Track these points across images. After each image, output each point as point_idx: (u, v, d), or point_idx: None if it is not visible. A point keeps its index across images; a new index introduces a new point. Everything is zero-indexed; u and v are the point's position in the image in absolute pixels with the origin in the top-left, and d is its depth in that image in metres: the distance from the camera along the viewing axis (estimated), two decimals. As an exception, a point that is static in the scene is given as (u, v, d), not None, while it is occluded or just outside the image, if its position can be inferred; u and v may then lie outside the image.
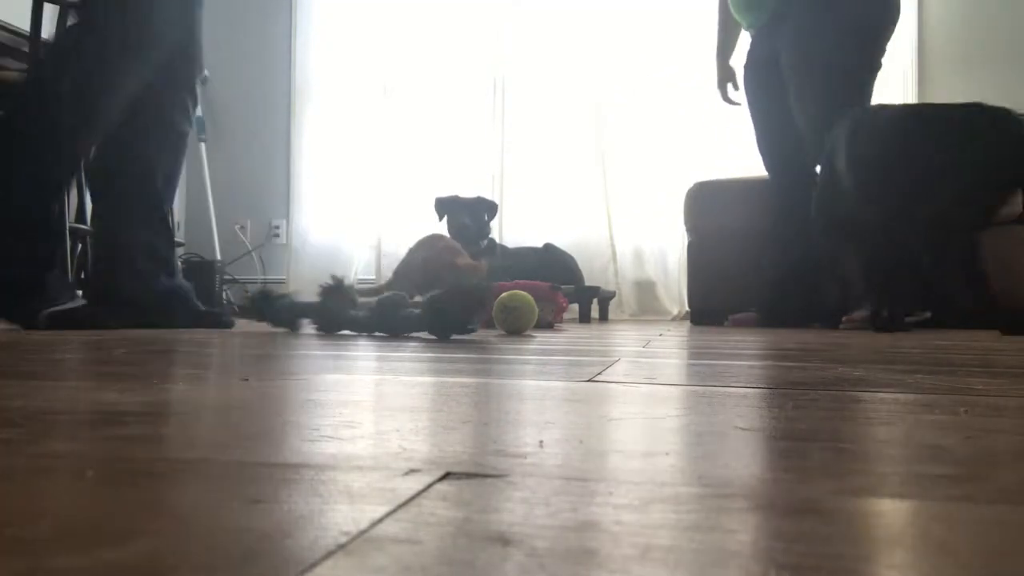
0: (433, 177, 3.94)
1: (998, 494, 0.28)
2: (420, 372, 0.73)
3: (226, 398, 0.52)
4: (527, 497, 0.26)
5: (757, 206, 2.73)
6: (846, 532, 0.23)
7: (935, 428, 0.42)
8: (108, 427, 0.40)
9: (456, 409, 0.48)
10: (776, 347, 1.25)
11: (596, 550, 0.21)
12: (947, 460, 0.33)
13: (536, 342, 1.34)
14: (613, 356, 0.98)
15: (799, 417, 0.46)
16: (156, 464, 0.32)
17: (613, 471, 0.31)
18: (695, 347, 1.25)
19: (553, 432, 0.40)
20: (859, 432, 0.41)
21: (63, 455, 0.33)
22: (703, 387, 0.63)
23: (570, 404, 0.51)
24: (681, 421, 0.44)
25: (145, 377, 0.66)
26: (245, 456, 0.33)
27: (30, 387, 0.59)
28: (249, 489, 0.27)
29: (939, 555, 0.21)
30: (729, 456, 0.34)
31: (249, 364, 0.81)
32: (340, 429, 0.40)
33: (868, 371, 0.79)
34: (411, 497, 0.26)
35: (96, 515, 0.24)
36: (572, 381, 0.66)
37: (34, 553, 0.20)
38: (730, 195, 2.97)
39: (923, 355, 1.05)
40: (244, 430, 0.40)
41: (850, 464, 0.33)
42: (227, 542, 0.21)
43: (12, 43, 2.67)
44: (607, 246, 3.79)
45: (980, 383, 0.67)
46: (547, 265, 3.27)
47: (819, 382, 0.67)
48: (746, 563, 0.20)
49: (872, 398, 0.56)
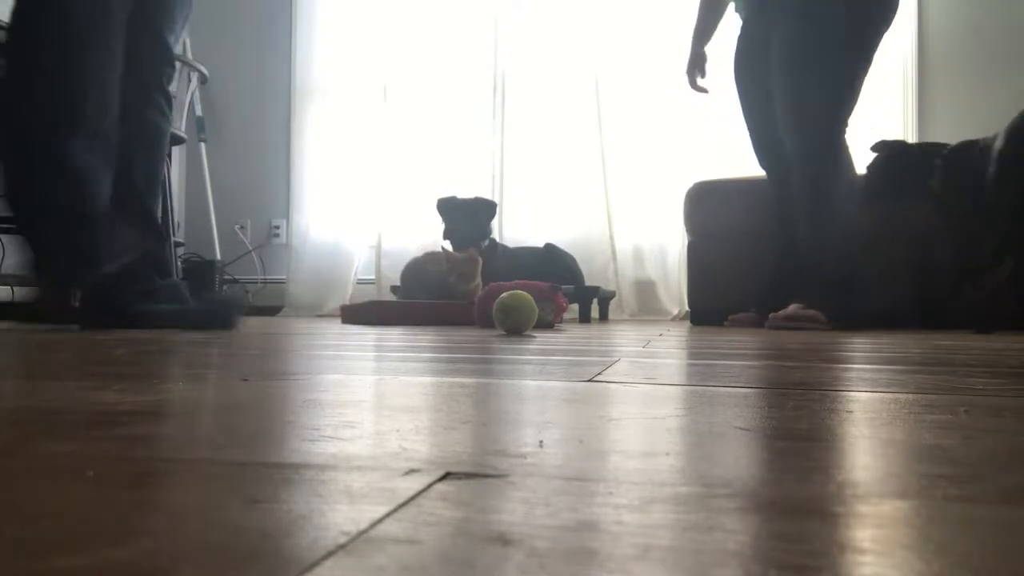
0: (433, 177, 3.94)
1: (998, 494, 0.28)
2: (420, 372, 0.73)
3: (226, 398, 0.52)
4: (527, 497, 0.26)
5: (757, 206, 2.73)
6: (846, 532, 0.23)
7: (935, 428, 0.42)
8: (108, 427, 0.40)
9: (456, 409, 0.48)
10: (776, 347, 1.25)
11: (596, 550, 0.21)
12: (947, 460, 0.33)
13: (536, 342, 1.34)
14: (613, 356, 0.98)
15: (799, 417, 0.46)
16: (156, 464, 0.32)
17: (613, 471, 0.31)
18: (695, 347, 1.25)
19: (553, 432, 0.40)
20: (859, 432, 0.41)
21: (63, 455, 0.33)
22: (703, 387, 0.63)
23: (570, 404, 0.51)
24: (681, 421, 0.44)
25: (145, 377, 0.66)
26: (245, 456, 0.33)
27: (30, 387, 0.59)
28: (249, 489, 0.27)
29: (939, 555, 0.21)
30: (729, 456, 0.34)
31: (249, 364, 0.81)
32: (340, 429, 0.40)
33: (868, 371, 0.79)
34: (411, 497, 0.26)
35: (96, 515, 0.24)
36: (572, 381, 0.66)
37: (34, 553, 0.20)
38: (730, 195, 2.97)
39: (923, 355, 1.05)
40: (244, 430, 0.40)
41: (850, 464, 0.33)
42: (227, 542, 0.21)
43: (12, 43, 2.66)
44: (607, 246, 3.79)
45: (980, 383, 0.67)
46: (547, 265, 3.27)
47: (819, 382, 0.67)
48: (746, 563, 0.20)
49: (872, 398, 0.56)
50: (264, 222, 4.30)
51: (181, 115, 3.22)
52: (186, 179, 4.36)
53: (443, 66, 4.03)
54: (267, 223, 4.30)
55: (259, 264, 4.25)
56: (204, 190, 4.23)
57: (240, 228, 4.29)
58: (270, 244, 4.28)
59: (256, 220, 4.31)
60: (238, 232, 4.28)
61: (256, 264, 4.25)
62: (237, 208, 4.29)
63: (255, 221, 4.31)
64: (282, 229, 4.26)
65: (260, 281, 4.24)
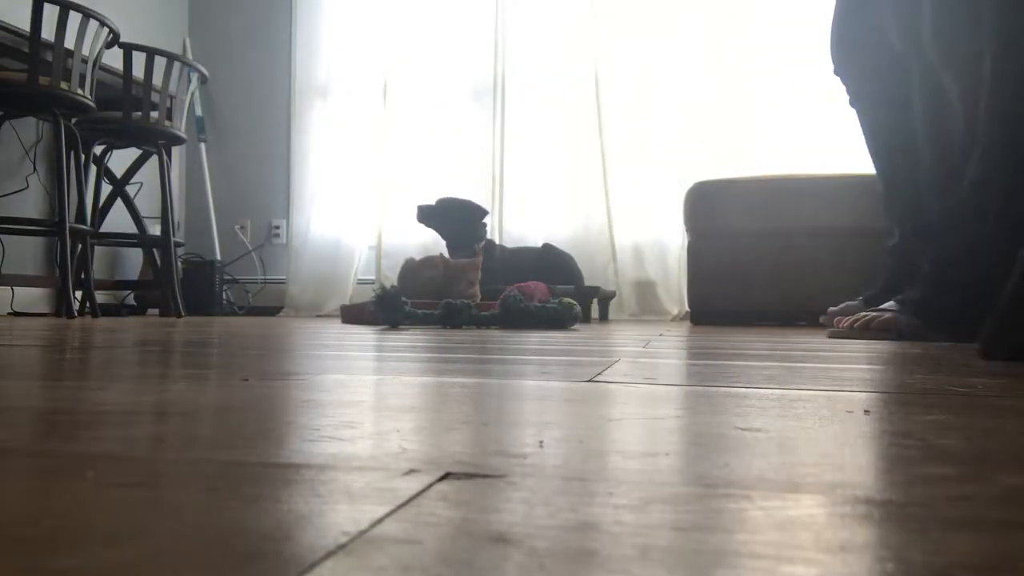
0: (433, 176, 3.94)
1: (998, 494, 0.28)
2: (420, 372, 0.73)
3: (226, 398, 0.52)
4: (527, 497, 0.26)
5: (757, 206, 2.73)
6: (846, 532, 0.23)
7: (935, 428, 0.42)
8: (109, 427, 0.40)
9: (456, 409, 0.48)
10: (776, 347, 1.25)
11: (596, 550, 0.21)
12: (947, 460, 0.33)
13: (536, 342, 1.34)
14: (613, 356, 0.98)
15: (799, 417, 0.46)
16: (156, 464, 0.32)
17: (613, 471, 0.31)
18: (695, 347, 1.25)
19: (553, 432, 0.40)
20: (859, 432, 0.41)
21: (63, 455, 0.33)
22: (703, 387, 0.63)
23: (570, 404, 0.51)
24: (681, 421, 0.44)
25: (145, 377, 0.66)
26: (245, 456, 0.33)
27: (31, 387, 0.59)
28: (249, 489, 0.27)
29: (939, 555, 0.21)
30: (729, 456, 0.34)
31: (249, 364, 0.81)
32: (340, 429, 0.40)
33: (868, 371, 0.79)
34: (411, 497, 0.26)
35: (96, 515, 0.24)
36: (572, 381, 0.66)
37: (34, 553, 0.20)
38: (730, 195, 2.98)
39: (923, 355, 1.05)
40: (244, 430, 0.40)
41: (850, 464, 0.33)
42: (227, 542, 0.21)
43: (12, 43, 2.67)
44: (607, 245, 3.79)
45: (980, 383, 0.67)
46: (546, 265, 3.27)
47: (819, 382, 0.67)
48: (746, 563, 0.20)
49: (872, 398, 0.56)
50: (264, 222, 4.30)
51: (181, 115, 3.22)
52: (186, 179, 4.36)
53: (443, 66, 4.02)
54: (267, 223, 4.30)
55: (259, 264, 4.25)
56: (204, 190, 4.23)
57: (240, 228, 4.29)
58: (270, 244, 4.28)
59: (256, 220, 4.31)
60: (238, 232, 4.28)
61: (256, 264, 4.25)
62: (237, 208, 4.29)
63: (255, 221, 4.31)
64: (282, 229, 4.26)
65: (260, 281, 4.24)
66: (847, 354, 1.07)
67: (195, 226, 4.29)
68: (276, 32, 4.27)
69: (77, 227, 2.74)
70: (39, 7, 2.49)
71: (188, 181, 4.37)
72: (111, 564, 0.19)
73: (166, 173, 3.20)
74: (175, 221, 3.41)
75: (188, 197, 4.35)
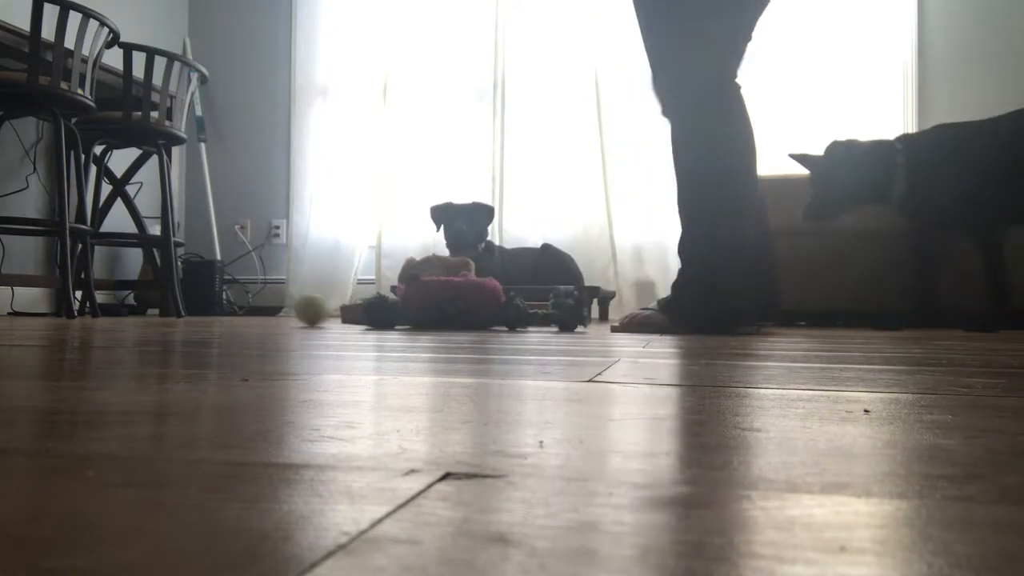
0: (433, 176, 3.94)
1: (998, 494, 0.28)
2: (420, 372, 0.73)
3: (226, 398, 0.52)
4: (527, 497, 0.26)
5: (757, 206, 2.73)
6: (847, 532, 0.23)
7: (935, 428, 0.42)
8: (108, 427, 0.40)
9: (456, 409, 0.48)
10: (776, 347, 1.25)
11: (596, 550, 0.21)
12: (947, 460, 0.33)
13: (536, 342, 1.34)
14: (613, 356, 0.98)
15: (799, 417, 0.46)
16: (156, 464, 0.32)
17: (613, 471, 0.31)
18: (695, 347, 1.25)
19: (553, 432, 0.40)
20: (859, 432, 0.41)
21: (63, 455, 0.33)
22: (703, 387, 0.63)
23: (570, 404, 0.51)
24: (681, 421, 0.44)
25: (145, 377, 0.66)
26: (245, 456, 0.33)
27: (31, 387, 0.59)
28: (249, 489, 0.27)
29: (939, 555, 0.21)
30: (729, 456, 0.34)
31: (249, 364, 0.81)
32: (340, 429, 0.40)
33: (868, 371, 0.79)
34: (411, 497, 0.26)
35: (96, 515, 0.24)
36: (572, 381, 0.66)
37: (34, 553, 0.20)
38: (730, 195, 2.97)
39: (923, 355, 1.05)
40: (244, 430, 0.40)
41: (850, 464, 0.33)
42: (227, 542, 0.21)
43: (12, 43, 2.67)
44: (607, 246, 3.79)
45: (980, 383, 0.67)
46: (545, 266, 3.26)
47: (819, 382, 0.67)
48: (747, 563, 0.20)
49: (872, 398, 0.56)
50: (264, 222, 4.30)
51: (181, 115, 3.21)
52: (186, 179, 4.36)
53: (443, 66, 4.02)
54: (267, 223, 4.30)
55: (259, 264, 4.25)
56: (204, 190, 4.23)
57: (240, 228, 4.29)
58: (270, 244, 4.28)
59: (256, 220, 4.31)
60: (238, 232, 4.28)
61: (256, 264, 4.25)
62: (237, 208, 4.29)
63: (255, 221, 4.31)
64: (282, 229, 4.26)
65: (260, 281, 4.24)
66: (849, 354, 1.07)
67: (195, 226, 4.29)
68: (276, 32, 4.27)
69: (77, 227, 2.74)
70: (39, 7, 2.49)
71: (188, 181, 4.37)
72: (111, 564, 0.19)
73: (166, 173, 3.20)
74: (175, 221, 3.40)
75: (188, 197, 4.35)
